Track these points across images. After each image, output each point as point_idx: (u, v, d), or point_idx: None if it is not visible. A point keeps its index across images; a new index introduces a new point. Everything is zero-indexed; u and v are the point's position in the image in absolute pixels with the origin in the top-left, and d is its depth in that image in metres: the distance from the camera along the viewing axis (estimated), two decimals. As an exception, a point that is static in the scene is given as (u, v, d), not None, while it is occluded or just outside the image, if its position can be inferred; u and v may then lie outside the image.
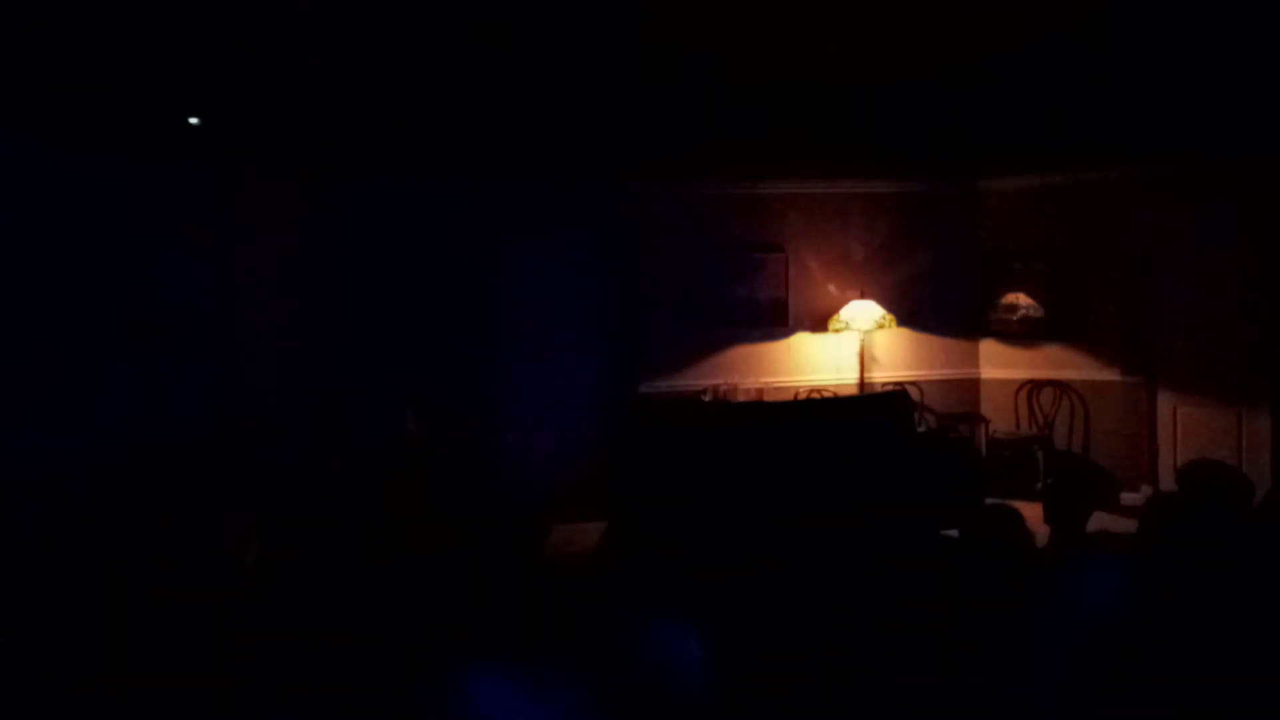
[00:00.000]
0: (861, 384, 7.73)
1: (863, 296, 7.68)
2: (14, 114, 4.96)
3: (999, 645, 2.05)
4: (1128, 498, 6.94)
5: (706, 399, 7.47)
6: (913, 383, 7.73)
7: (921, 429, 7.15)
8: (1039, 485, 7.05)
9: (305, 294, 6.73)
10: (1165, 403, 7.14)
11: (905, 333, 7.88)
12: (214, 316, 6.25)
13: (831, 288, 7.86)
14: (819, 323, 7.76)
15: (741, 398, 7.53)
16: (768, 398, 7.55)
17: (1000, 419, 7.73)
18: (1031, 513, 3.20)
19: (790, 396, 7.53)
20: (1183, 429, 7.04)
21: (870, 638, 2.53)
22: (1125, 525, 4.62)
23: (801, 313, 7.82)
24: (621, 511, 5.79)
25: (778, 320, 7.78)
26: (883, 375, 7.83)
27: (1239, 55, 4.25)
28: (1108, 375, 7.37)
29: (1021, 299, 7.75)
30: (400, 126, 5.58)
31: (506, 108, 5.09)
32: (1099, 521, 4.63)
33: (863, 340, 7.69)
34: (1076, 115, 5.51)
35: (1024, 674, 1.94)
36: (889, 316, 7.56)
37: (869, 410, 6.74)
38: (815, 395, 7.52)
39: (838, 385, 7.74)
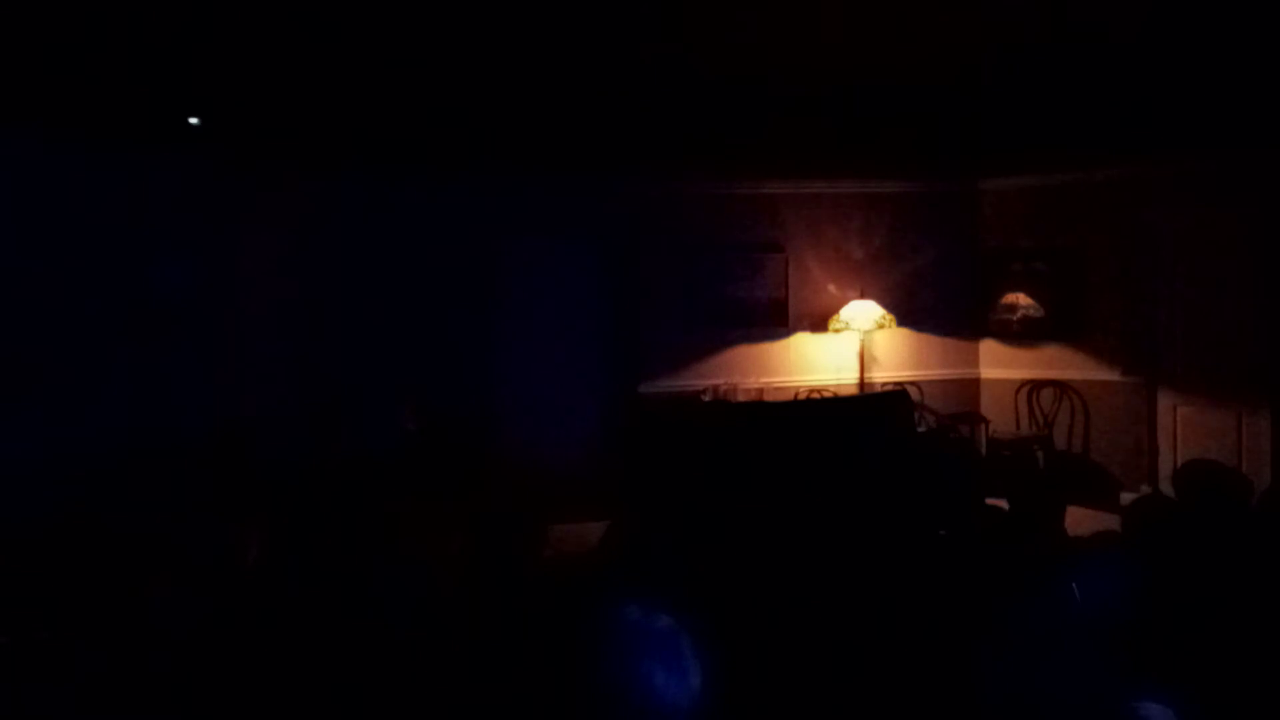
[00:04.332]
0: (861, 384, 7.73)
1: (863, 296, 7.68)
2: (15, 114, 4.96)
3: (992, 644, 2.05)
4: (1128, 498, 6.94)
5: (706, 399, 7.47)
6: (913, 383, 7.72)
7: (921, 429, 7.15)
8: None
9: (305, 294, 6.73)
10: (1165, 403, 7.14)
11: (905, 333, 7.88)
12: (214, 316, 6.25)
13: (831, 288, 7.85)
14: (819, 323, 7.76)
15: (741, 398, 7.53)
16: (768, 398, 7.55)
17: (1000, 419, 7.73)
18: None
19: (790, 396, 7.53)
20: (1183, 429, 7.03)
21: (868, 636, 2.53)
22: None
23: (801, 313, 7.82)
24: (622, 511, 5.79)
25: (778, 320, 7.78)
26: (883, 375, 7.83)
27: (1238, 54, 4.25)
28: (1108, 375, 7.37)
29: (1021, 299, 7.75)
30: (401, 126, 5.58)
31: (506, 108, 5.09)
32: (1100, 522, 4.63)
33: (863, 340, 7.69)
34: (1076, 115, 5.52)
35: (1015, 672, 1.94)
36: (889, 316, 7.56)
37: (869, 410, 6.73)
38: (815, 395, 7.52)
39: (838, 385, 7.74)
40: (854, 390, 7.67)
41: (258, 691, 2.51)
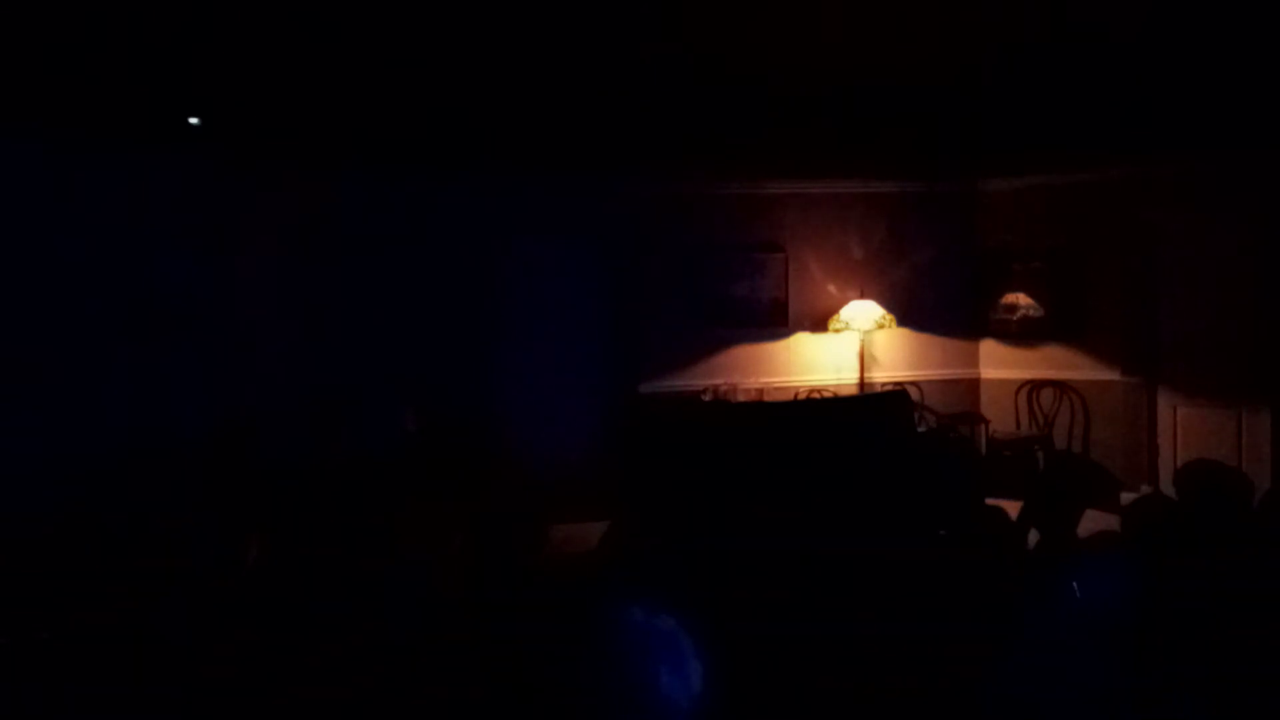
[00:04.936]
0: (861, 384, 7.73)
1: (863, 296, 7.68)
2: (15, 114, 4.96)
3: (993, 644, 2.05)
4: (1128, 498, 6.93)
5: (706, 399, 7.47)
6: (913, 383, 7.72)
7: (921, 429, 7.15)
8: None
9: (305, 294, 6.74)
10: (1165, 403, 7.14)
11: (905, 333, 7.88)
12: (214, 316, 6.25)
13: (831, 288, 7.85)
14: (819, 323, 7.76)
15: (741, 398, 7.53)
16: (768, 398, 7.55)
17: (1000, 419, 7.73)
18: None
19: (790, 396, 7.53)
20: (1183, 429, 7.03)
21: (868, 636, 2.53)
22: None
23: (801, 313, 7.82)
24: (624, 511, 5.79)
25: (778, 320, 7.78)
26: (883, 375, 7.82)
27: (1238, 54, 4.25)
28: (1108, 375, 7.37)
29: (1021, 299, 7.75)
30: (401, 126, 5.58)
31: (506, 108, 5.09)
32: (1099, 522, 4.62)
33: (863, 340, 7.69)
34: (1076, 115, 5.52)
35: (1016, 672, 1.95)
36: (889, 316, 7.56)
37: (869, 410, 6.73)
38: (815, 395, 7.52)
39: (838, 385, 7.74)
40: (854, 390, 7.67)
41: (258, 692, 2.51)
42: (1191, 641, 2.13)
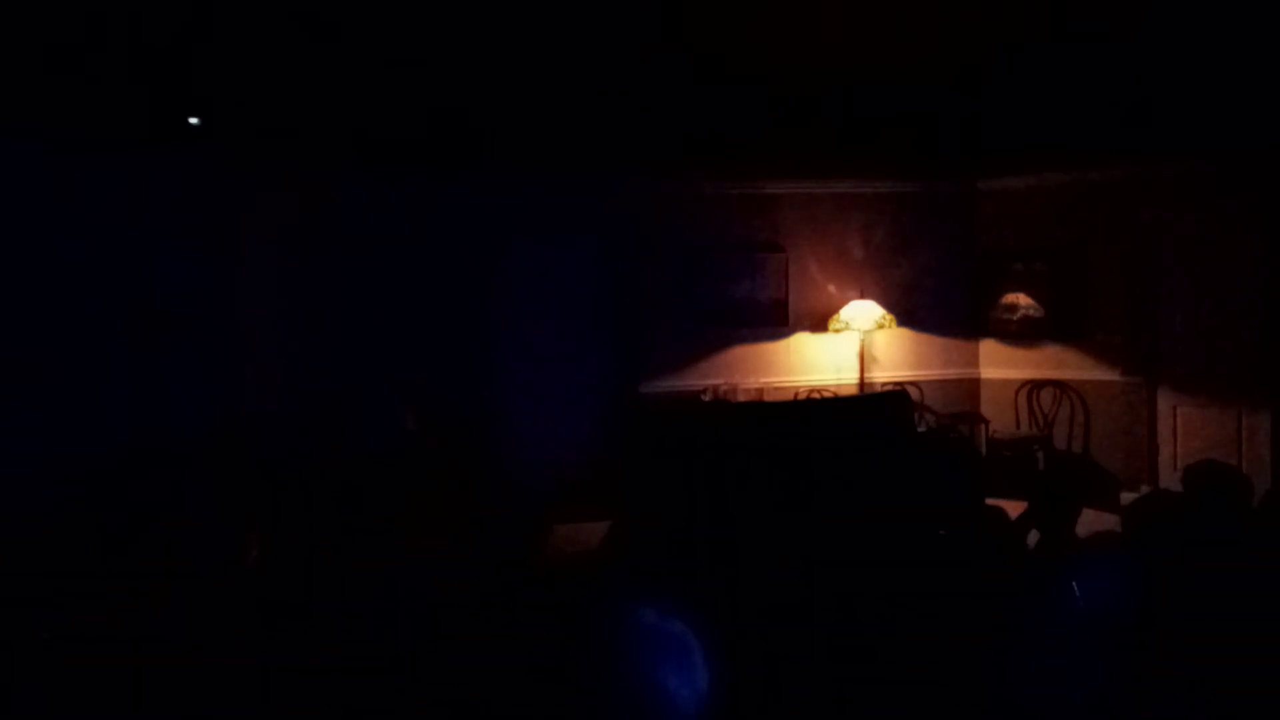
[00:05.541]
0: (861, 384, 7.73)
1: (863, 296, 7.68)
2: (15, 114, 4.96)
3: (993, 645, 2.05)
4: (1128, 498, 6.93)
5: (706, 399, 7.47)
6: (913, 383, 7.72)
7: (921, 429, 7.15)
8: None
9: (305, 294, 6.73)
10: (1165, 403, 7.14)
11: (905, 333, 7.88)
12: (214, 316, 6.25)
13: (831, 288, 7.86)
14: (819, 323, 7.76)
15: (741, 398, 7.53)
16: (768, 398, 7.55)
17: (1000, 419, 7.73)
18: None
19: (790, 396, 7.53)
20: (1183, 429, 7.04)
21: (870, 636, 2.53)
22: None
23: (801, 313, 7.82)
24: (625, 511, 5.80)
25: (778, 320, 7.78)
26: (883, 375, 7.83)
27: (1238, 54, 4.25)
28: (1108, 375, 7.37)
29: (1021, 299, 7.75)
30: (401, 126, 5.58)
31: (506, 108, 5.09)
32: (1099, 522, 4.63)
33: (863, 340, 7.69)
34: (1076, 115, 5.52)
35: (1018, 673, 1.94)
36: (889, 316, 7.56)
37: (869, 410, 6.73)
38: (815, 395, 7.52)
39: (838, 385, 7.74)
40: (854, 390, 7.67)
41: (258, 692, 2.51)
42: (1191, 641, 2.13)
